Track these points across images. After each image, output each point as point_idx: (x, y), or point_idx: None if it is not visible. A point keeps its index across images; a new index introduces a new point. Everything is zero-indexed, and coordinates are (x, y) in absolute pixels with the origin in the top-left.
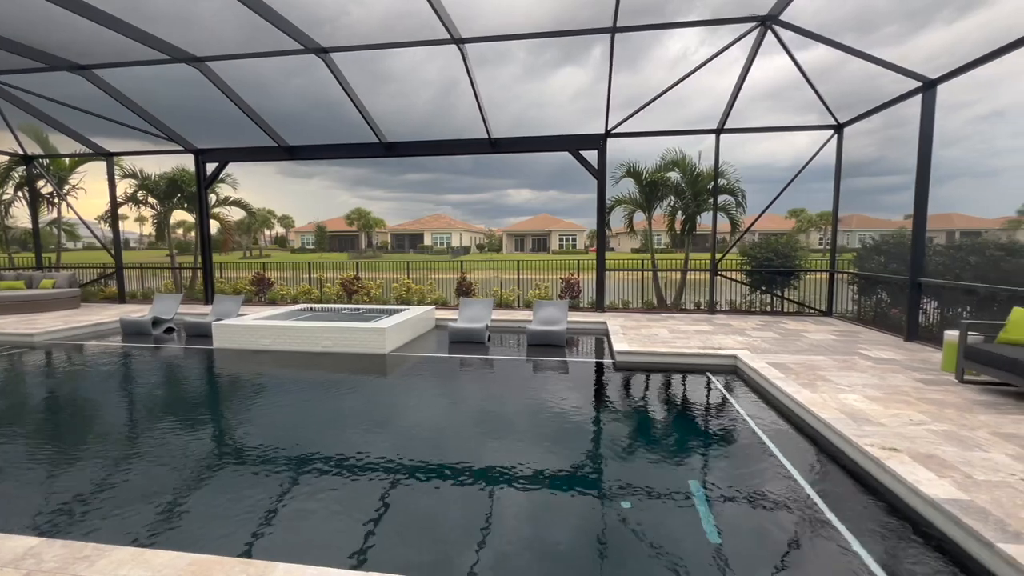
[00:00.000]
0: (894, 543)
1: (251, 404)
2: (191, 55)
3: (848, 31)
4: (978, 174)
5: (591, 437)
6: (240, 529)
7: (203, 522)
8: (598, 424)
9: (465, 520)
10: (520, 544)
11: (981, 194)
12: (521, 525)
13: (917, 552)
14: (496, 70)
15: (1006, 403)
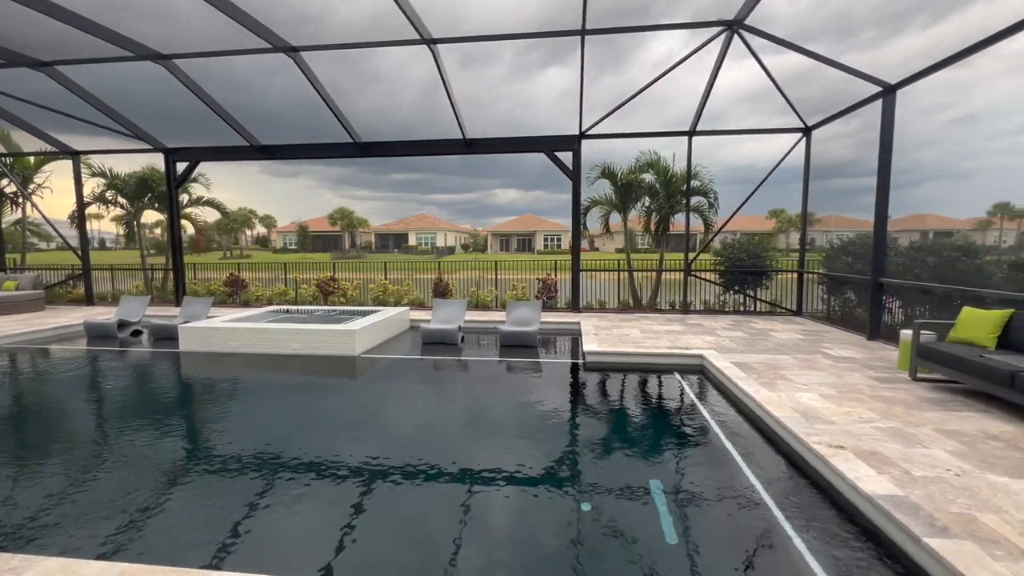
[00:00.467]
0: (834, 539)
1: (211, 409)
2: (157, 52)
3: (827, 36)
4: (953, 176)
5: (554, 438)
6: (195, 537)
7: (156, 532)
8: (562, 425)
9: (424, 520)
10: (477, 545)
11: (955, 195)
12: (477, 526)
13: (855, 547)
14: (484, 70)
15: (953, 400)
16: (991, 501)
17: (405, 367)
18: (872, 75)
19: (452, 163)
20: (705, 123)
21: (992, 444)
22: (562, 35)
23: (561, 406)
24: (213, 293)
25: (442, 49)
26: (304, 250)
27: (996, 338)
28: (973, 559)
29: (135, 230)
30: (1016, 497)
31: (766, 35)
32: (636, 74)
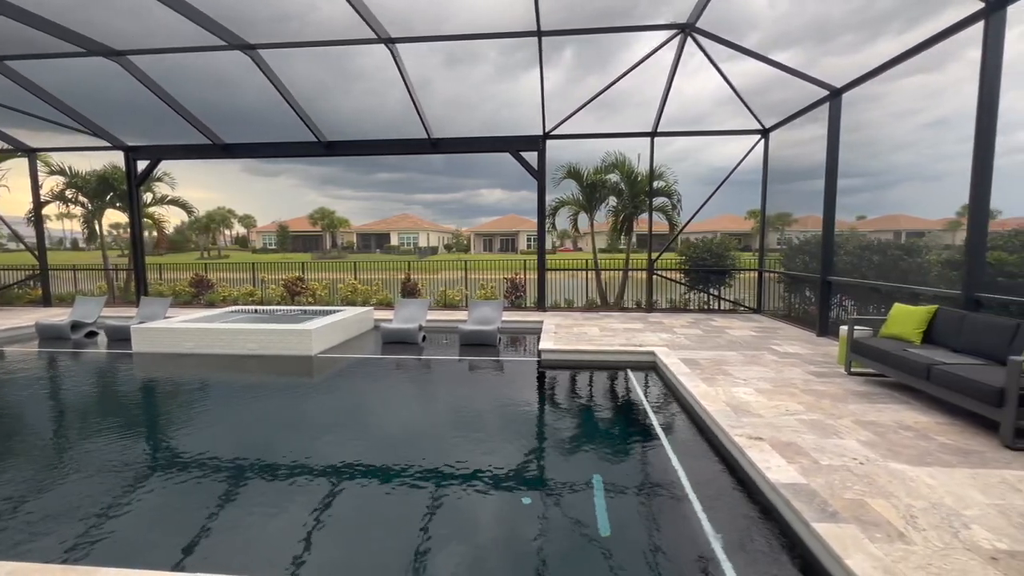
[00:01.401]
0: (742, 527)
1: (154, 411)
2: (110, 48)
3: (807, 39)
4: (925, 177)
5: (502, 435)
6: (123, 537)
7: (92, 533)
8: (510, 422)
9: (361, 513)
10: (414, 539)
11: (928, 196)
12: (417, 520)
13: (759, 534)
14: (469, 70)
15: (879, 393)
16: (885, 488)
17: (361, 367)
18: (820, 79)
19: (437, 163)
20: (686, 124)
21: (903, 434)
22: (518, 36)
23: (511, 404)
24: (178, 294)
25: (428, 47)
26: (284, 250)
27: (921, 333)
28: (851, 541)
29: (96, 229)
30: (910, 484)
31: (717, 38)
32: (628, 75)
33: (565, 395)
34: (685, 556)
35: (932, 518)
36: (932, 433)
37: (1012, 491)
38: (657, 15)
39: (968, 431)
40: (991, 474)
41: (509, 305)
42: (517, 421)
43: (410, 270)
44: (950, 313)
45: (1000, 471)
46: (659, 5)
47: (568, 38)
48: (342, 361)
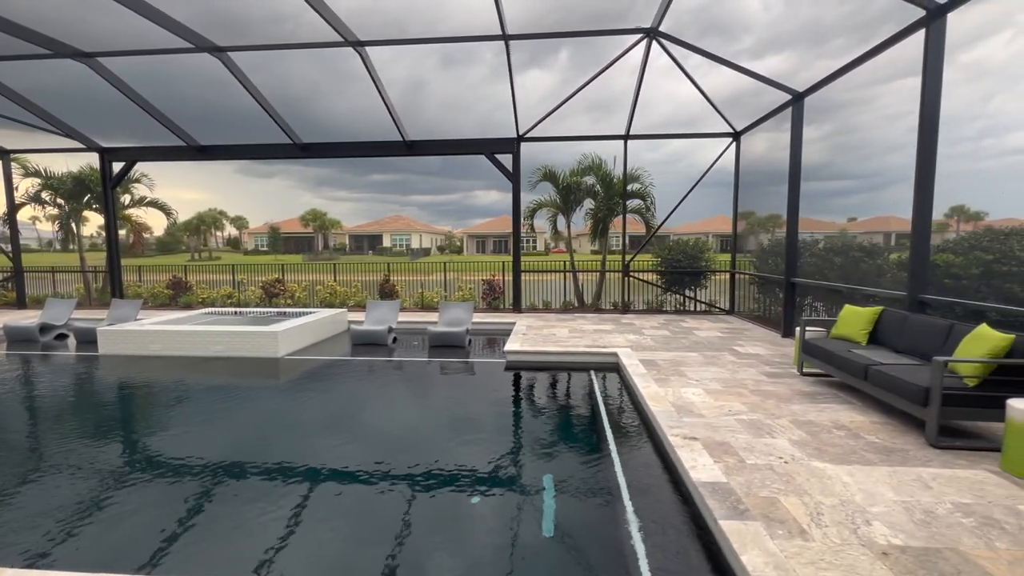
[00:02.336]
0: (666, 527)
1: (107, 413)
2: (77, 50)
3: (800, 43)
4: None
5: (460, 435)
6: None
7: (34, 537)
8: (469, 422)
9: (308, 514)
10: (357, 539)
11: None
12: (363, 520)
13: (678, 531)
14: (465, 70)
15: (825, 393)
16: (802, 486)
17: (327, 369)
18: (782, 83)
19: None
20: (681, 126)
21: (835, 433)
22: (483, 40)
23: (470, 405)
24: (156, 296)
25: (422, 50)
26: (276, 252)
27: (867, 334)
28: (751, 538)
29: (74, 231)
30: (827, 482)
31: (680, 42)
32: (616, 78)
33: (525, 396)
34: (607, 557)
35: (837, 515)
36: (864, 432)
37: (923, 488)
38: (649, 19)
39: (899, 430)
40: (908, 472)
41: (485, 307)
42: (473, 422)
43: (389, 271)
44: (893, 314)
45: (918, 469)
46: (651, 8)
47: (563, 41)
48: (309, 363)
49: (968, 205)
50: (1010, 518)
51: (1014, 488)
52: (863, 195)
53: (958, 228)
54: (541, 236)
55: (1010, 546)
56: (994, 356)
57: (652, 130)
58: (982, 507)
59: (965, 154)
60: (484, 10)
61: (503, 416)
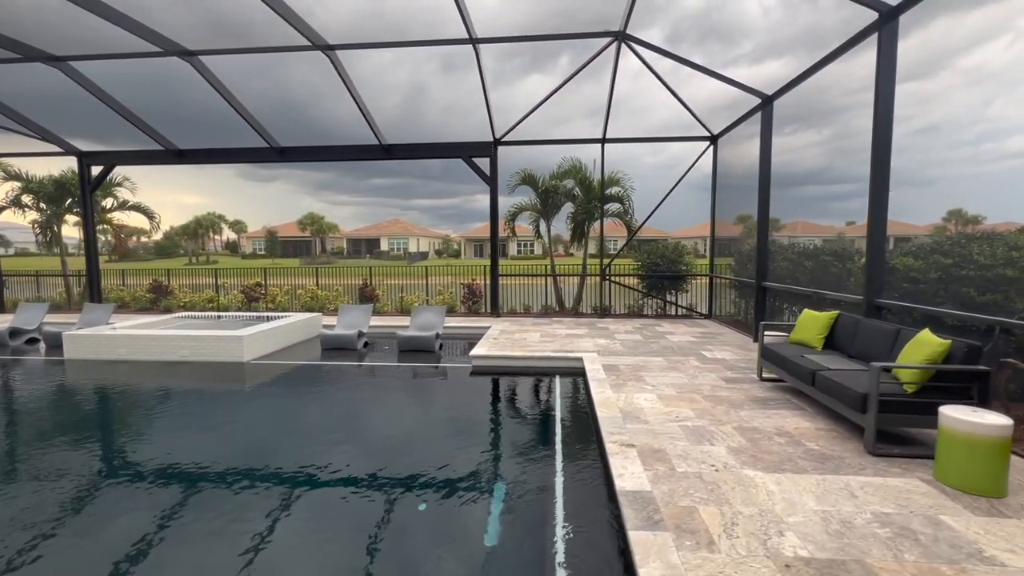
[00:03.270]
0: (590, 537)
1: (59, 418)
2: (48, 54)
3: (800, 47)
4: (917, 183)
5: (410, 440)
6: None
7: None
8: (422, 427)
9: (257, 521)
10: (301, 547)
11: (919, 202)
12: (308, 526)
13: (601, 544)
14: (466, 74)
15: (779, 399)
16: (725, 495)
17: (292, 373)
18: (752, 87)
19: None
20: (681, 129)
21: (776, 440)
22: (451, 43)
23: (429, 410)
24: (136, 299)
25: (423, 55)
26: (273, 256)
27: (823, 338)
28: (655, 549)
29: (55, 235)
30: (751, 490)
31: (648, 45)
32: (617, 83)
33: (484, 402)
34: (526, 566)
35: (752, 525)
36: (806, 439)
37: (848, 498)
38: (651, 24)
39: (843, 437)
40: (837, 480)
41: (466, 311)
42: (428, 428)
43: (370, 275)
44: (848, 319)
45: (848, 477)
46: (655, 13)
47: (563, 46)
48: (275, 368)
49: (966, 209)
50: (927, 528)
51: (941, 497)
52: (863, 199)
53: (956, 231)
54: (539, 241)
55: (918, 558)
56: (931, 362)
57: (650, 134)
58: (902, 517)
59: (965, 158)
60: (485, 9)
61: (458, 422)
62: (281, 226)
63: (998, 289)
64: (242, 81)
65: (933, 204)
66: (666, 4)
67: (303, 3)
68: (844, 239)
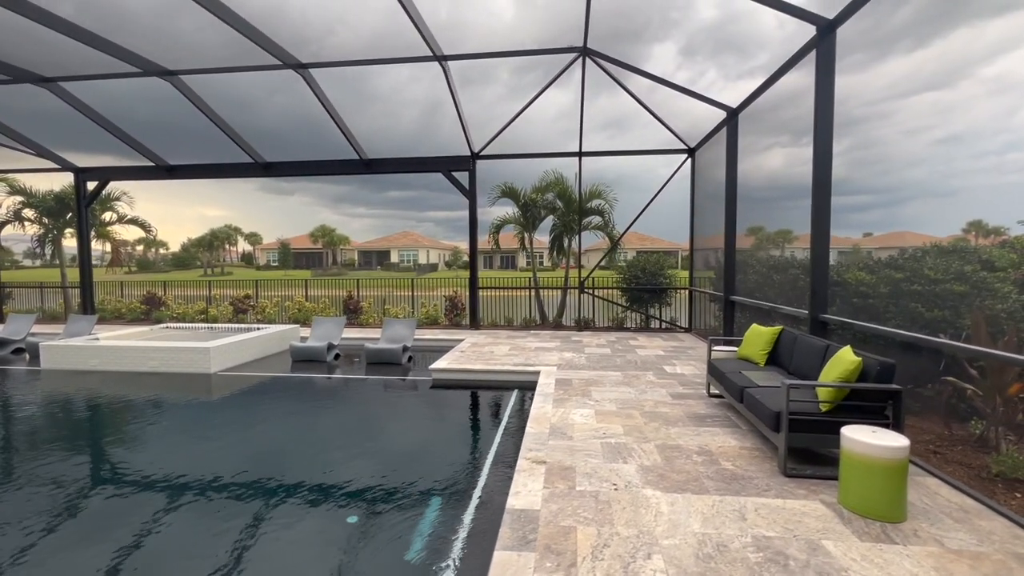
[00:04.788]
0: (467, 557)
1: (21, 427)
2: (38, 75)
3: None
4: (938, 194)
5: (353, 453)
6: None
7: None
8: (367, 440)
9: (191, 532)
10: (215, 558)
11: (940, 213)
12: (227, 534)
13: (474, 564)
14: (481, 89)
15: (718, 416)
16: (612, 515)
17: (257, 385)
18: (718, 100)
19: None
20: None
21: (693, 459)
22: (419, 60)
23: (379, 422)
24: (131, 310)
25: (438, 68)
26: (286, 267)
27: (766, 354)
28: (512, 571)
29: (56, 248)
30: (641, 511)
31: (610, 59)
32: (627, 96)
33: (435, 415)
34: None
35: (623, 548)
36: (725, 458)
37: (737, 520)
38: (666, 37)
39: (763, 457)
40: (735, 501)
41: (448, 323)
42: (372, 440)
43: (358, 287)
44: (788, 334)
45: (748, 499)
46: (669, 28)
47: (578, 62)
48: (241, 380)
49: (986, 220)
50: (802, 554)
51: (834, 522)
52: (881, 210)
53: (976, 243)
54: (547, 252)
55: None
56: (845, 380)
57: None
58: (782, 542)
59: (989, 168)
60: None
61: (404, 433)
62: (294, 238)
63: (946, 305)
64: (264, 96)
65: (954, 215)
66: (681, 18)
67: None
68: (793, 253)
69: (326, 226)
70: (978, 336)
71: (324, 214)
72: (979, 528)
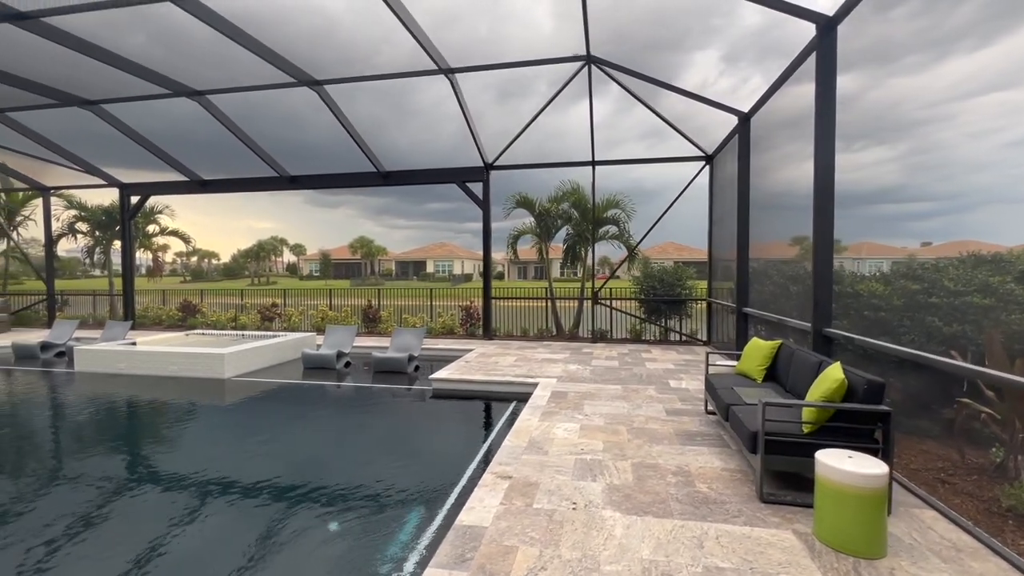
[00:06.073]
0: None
1: (36, 424)
2: (83, 99)
3: (868, 62)
4: (1011, 199)
5: (336, 459)
6: None
7: None
8: (352, 448)
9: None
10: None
11: (1012, 220)
12: (208, 539)
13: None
14: (520, 102)
15: (710, 434)
16: (561, 536)
17: (268, 391)
18: (728, 105)
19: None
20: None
21: (667, 480)
22: (422, 75)
23: (372, 431)
24: (170, 316)
25: (479, 84)
26: (326, 277)
27: (764, 370)
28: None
29: (105, 257)
30: (593, 533)
31: (618, 67)
32: (669, 104)
33: (429, 425)
34: None
35: (561, 572)
36: (702, 480)
37: (693, 548)
38: (708, 45)
39: (744, 480)
40: (699, 527)
41: (464, 333)
42: (361, 448)
43: (379, 297)
44: (787, 349)
45: (713, 525)
46: (710, 35)
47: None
48: (254, 386)
49: None
50: None
51: (801, 555)
52: (943, 218)
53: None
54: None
55: None
56: (828, 399)
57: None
58: (733, 574)
59: None
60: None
61: (390, 443)
62: (335, 249)
63: (967, 319)
64: (309, 113)
65: (834, 225)
66: (724, 24)
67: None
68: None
69: (365, 237)
70: (991, 355)
71: (367, 226)
72: (968, 570)
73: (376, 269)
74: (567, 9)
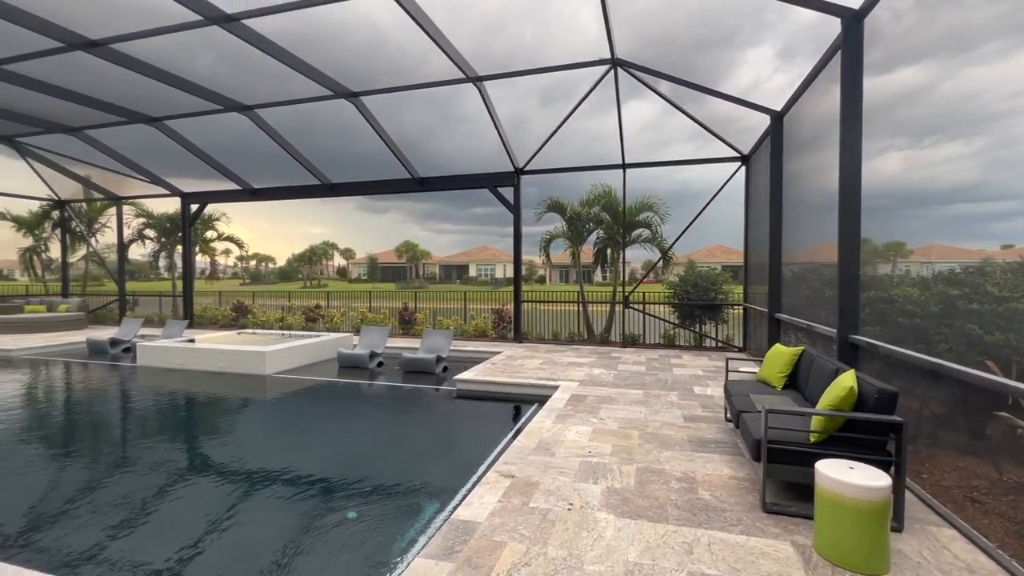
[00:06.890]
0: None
1: (83, 410)
2: (148, 116)
3: (941, 50)
4: None
5: (353, 454)
6: None
7: None
8: (372, 444)
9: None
10: (216, 545)
11: None
12: (234, 528)
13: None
14: (564, 107)
15: (725, 442)
16: (551, 535)
17: (304, 388)
18: (759, 104)
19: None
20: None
21: (669, 486)
22: (454, 83)
23: (394, 428)
24: (225, 316)
25: (525, 90)
26: (374, 280)
27: (784, 377)
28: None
29: (170, 261)
30: (583, 535)
31: (643, 68)
32: (716, 105)
33: (449, 424)
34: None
35: (543, 570)
36: (706, 487)
37: (682, 554)
38: (759, 41)
39: (752, 490)
40: (692, 533)
41: (495, 335)
42: (380, 445)
43: (416, 300)
44: (808, 356)
45: (709, 532)
46: (761, 30)
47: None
48: (292, 383)
49: None
50: None
51: (794, 567)
52: (996, 223)
53: None
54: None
55: None
56: (836, 408)
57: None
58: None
59: None
60: (590, 41)
61: (409, 440)
62: (382, 253)
63: (1011, 327)
64: (361, 123)
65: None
66: (776, 20)
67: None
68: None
69: (410, 242)
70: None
71: (413, 230)
72: None
73: (420, 272)
74: (610, 11)
